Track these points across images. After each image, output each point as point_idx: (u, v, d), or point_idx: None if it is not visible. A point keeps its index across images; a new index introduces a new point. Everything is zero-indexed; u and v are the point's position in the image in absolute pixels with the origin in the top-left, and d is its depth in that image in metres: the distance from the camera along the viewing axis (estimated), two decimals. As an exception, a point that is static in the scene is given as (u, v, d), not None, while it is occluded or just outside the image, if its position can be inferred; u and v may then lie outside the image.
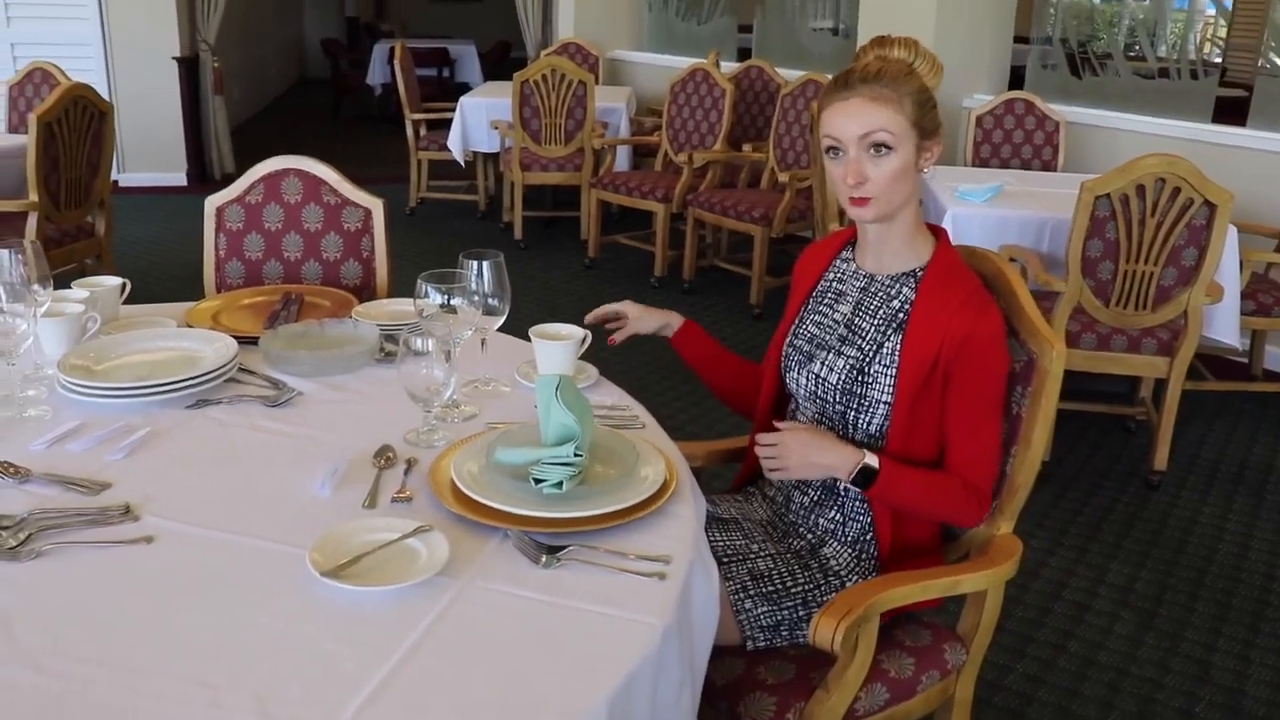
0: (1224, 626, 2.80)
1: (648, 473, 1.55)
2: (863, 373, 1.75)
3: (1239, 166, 4.43)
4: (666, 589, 1.32)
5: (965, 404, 1.69)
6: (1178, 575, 3.03)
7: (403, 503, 1.49)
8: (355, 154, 8.83)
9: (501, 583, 1.31)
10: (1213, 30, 6.36)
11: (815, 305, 1.88)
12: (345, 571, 1.29)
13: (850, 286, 1.84)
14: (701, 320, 4.90)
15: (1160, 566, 3.07)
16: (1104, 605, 2.87)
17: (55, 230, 4.12)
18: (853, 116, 1.67)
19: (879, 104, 1.66)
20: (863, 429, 1.77)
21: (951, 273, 1.74)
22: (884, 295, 1.78)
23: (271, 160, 2.53)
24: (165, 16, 7.25)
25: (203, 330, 2.04)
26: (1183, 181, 3.15)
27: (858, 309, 1.81)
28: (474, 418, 1.78)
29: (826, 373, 1.79)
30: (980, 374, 1.68)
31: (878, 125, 1.66)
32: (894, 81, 1.67)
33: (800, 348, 1.86)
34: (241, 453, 1.63)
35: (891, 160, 1.67)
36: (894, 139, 1.66)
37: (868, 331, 1.77)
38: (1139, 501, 3.44)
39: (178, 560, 1.34)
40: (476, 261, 1.81)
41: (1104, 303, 3.39)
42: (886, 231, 1.76)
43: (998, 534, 1.78)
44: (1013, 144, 5.16)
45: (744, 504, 1.95)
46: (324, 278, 2.54)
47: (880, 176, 1.67)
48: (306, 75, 14.74)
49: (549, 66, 5.85)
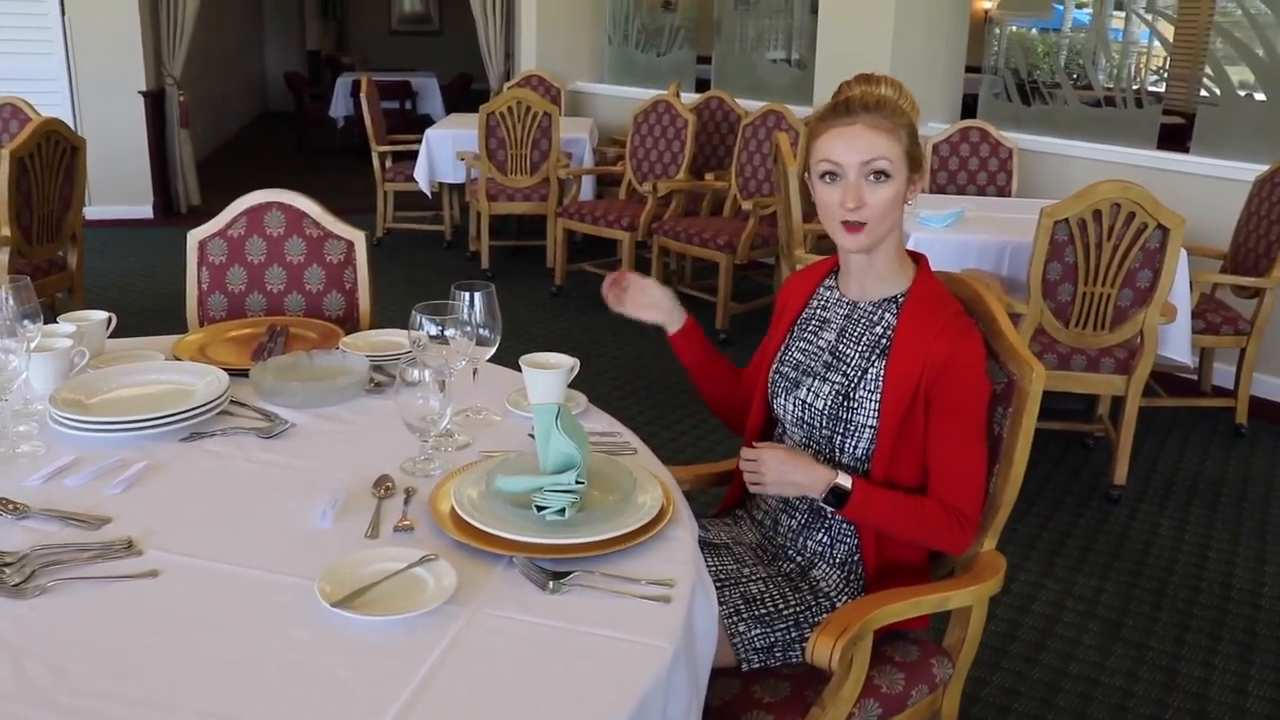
0: (1187, 635, 2.84)
1: (645, 498, 1.55)
2: (848, 398, 1.76)
3: (1183, 191, 4.53)
4: (672, 611, 1.32)
5: (946, 428, 1.71)
6: (1141, 586, 3.07)
7: (405, 532, 1.48)
8: (320, 186, 8.76)
9: (510, 609, 1.30)
10: (1146, 60, 6.51)
11: (800, 333, 1.90)
12: (355, 601, 1.28)
13: (834, 314, 1.86)
14: (670, 346, 4.86)
15: (1124, 578, 3.11)
16: (1072, 617, 2.90)
17: (27, 265, 4.05)
18: (855, 142, 1.68)
19: (880, 132, 1.69)
20: (849, 452, 1.78)
21: (932, 298, 1.76)
22: (867, 322, 1.80)
23: (254, 194, 2.51)
24: (131, 51, 7.18)
25: (192, 363, 2.02)
26: (1137, 206, 3.22)
27: (842, 336, 1.82)
28: (468, 446, 1.78)
29: (813, 399, 1.81)
30: (961, 398, 1.70)
31: (879, 153, 1.68)
32: (892, 113, 1.71)
33: (786, 374, 1.87)
34: (240, 485, 1.62)
35: (888, 188, 1.69)
36: (892, 167, 1.69)
37: (852, 358, 1.79)
38: (1101, 515, 3.49)
39: (185, 593, 1.32)
40: (468, 293, 1.81)
41: (1064, 324, 3.44)
42: (870, 260, 1.78)
43: (981, 551, 1.80)
44: (968, 170, 5.24)
45: (733, 528, 1.96)
46: (307, 309, 2.52)
47: (877, 203, 1.69)
48: (269, 108, 14.66)
49: (514, 99, 5.86)
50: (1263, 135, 4.73)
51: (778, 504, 1.89)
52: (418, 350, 1.75)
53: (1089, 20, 9.75)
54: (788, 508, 1.88)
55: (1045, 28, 9.14)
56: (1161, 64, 6.88)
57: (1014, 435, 1.73)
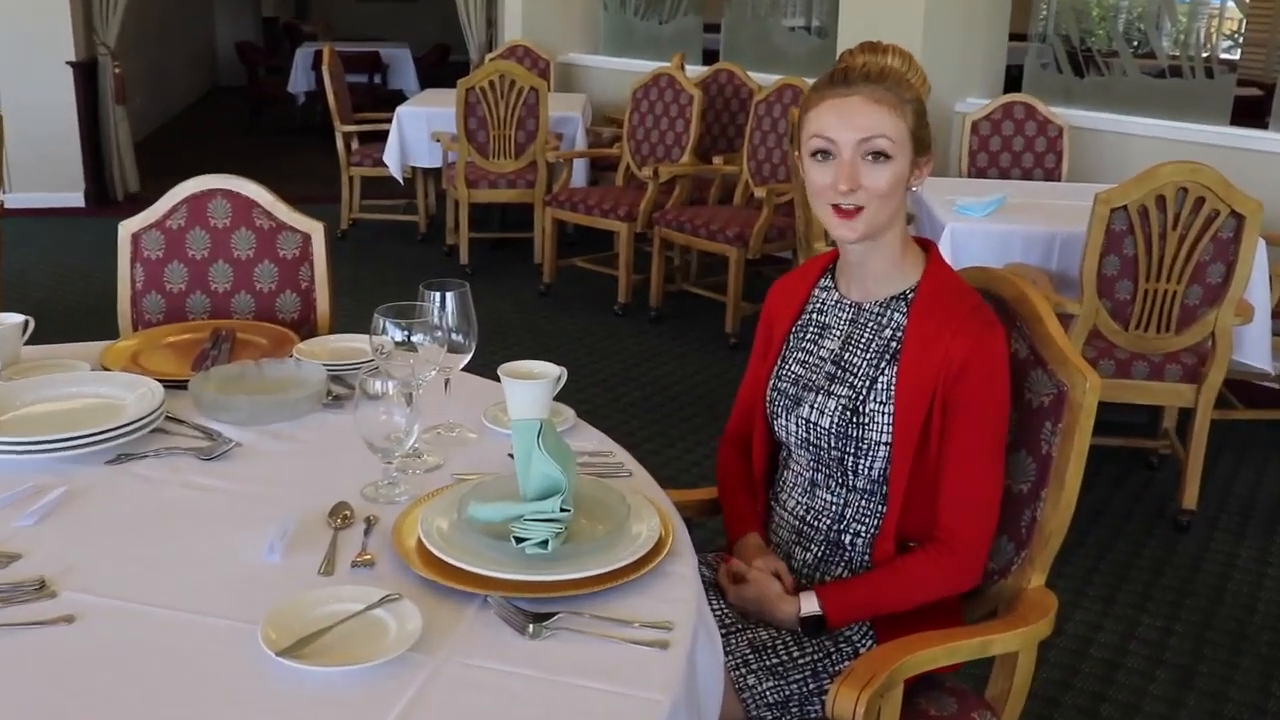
0: (1272, 685, 2.81)
1: (641, 528, 1.53)
2: (857, 413, 1.75)
3: (1261, 173, 4.52)
4: (671, 659, 1.30)
5: (961, 441, 1.70)
6: (1216, 627, 3.05)
7: (364, 568, 1.47)
8: (277, 171, 8.77)
9: (484, 657, 1.28)
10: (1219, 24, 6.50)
11: (797, 343, 1.88)
12: (304, 650, 1.26)
13: (835, 318, 1.84)
14: (672, 352, 4.85)
15: (1196, 618, 3.09)
16: (1136, 663, 2.88)
17: (-62, 261, 4.04)
18: (852, 116, 1.67)
19: (882, 106, 1.67)
20: (864, 474, 1.77)
21: (946, 292, 1.74)
22: (874, 325, 1.78)
23: (195, 179, 2.50)
24: (57, 16, 7.19)
25: (122, 374, 2.00)
26: (1207, 191, 3.20)
27: (847, 343, 1.81)
28: (439, 468, 1.76)
29: (817, 416, 1.79)
30: (978, 405, 1.69)
31: (879, 129, 1.67)
32: (897, 85, 1.69)
33: (785, 391, 1.85)
34: (174, 514, 1.60)
35: (887, 170, 1.67)
36: (893, 147, 1.67)
37: (859, 367, 1.77)
38: (1168, 545, 3.47)
39: (105, 642, 1.30)
40: (439, 293, 1.79)
41: (1123, 325, 3.43)
42: (870, 253, 1.76)
43: (1029, 587, 1.77)
44: (1012, 152, 5.23)
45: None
46: (257, 311, 2.51)
47: (875, 185, 1.67)
48: (219, 83, 14.68)
49: (497, 72, 5.86)
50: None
51: (790, 536, 1.88)
52: (381, 359, 1.74)
53: (1151, -20, 9.74)
54: (801, 540, 1.86)
55: (1102, -12, 9.13)
56: (1236, 28, 6.86)
57: (1065, 454, 1.71)
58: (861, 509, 1.80)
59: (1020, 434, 1.79)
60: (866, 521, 1.80)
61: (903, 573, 1.73)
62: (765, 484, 1.96)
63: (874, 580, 1.74)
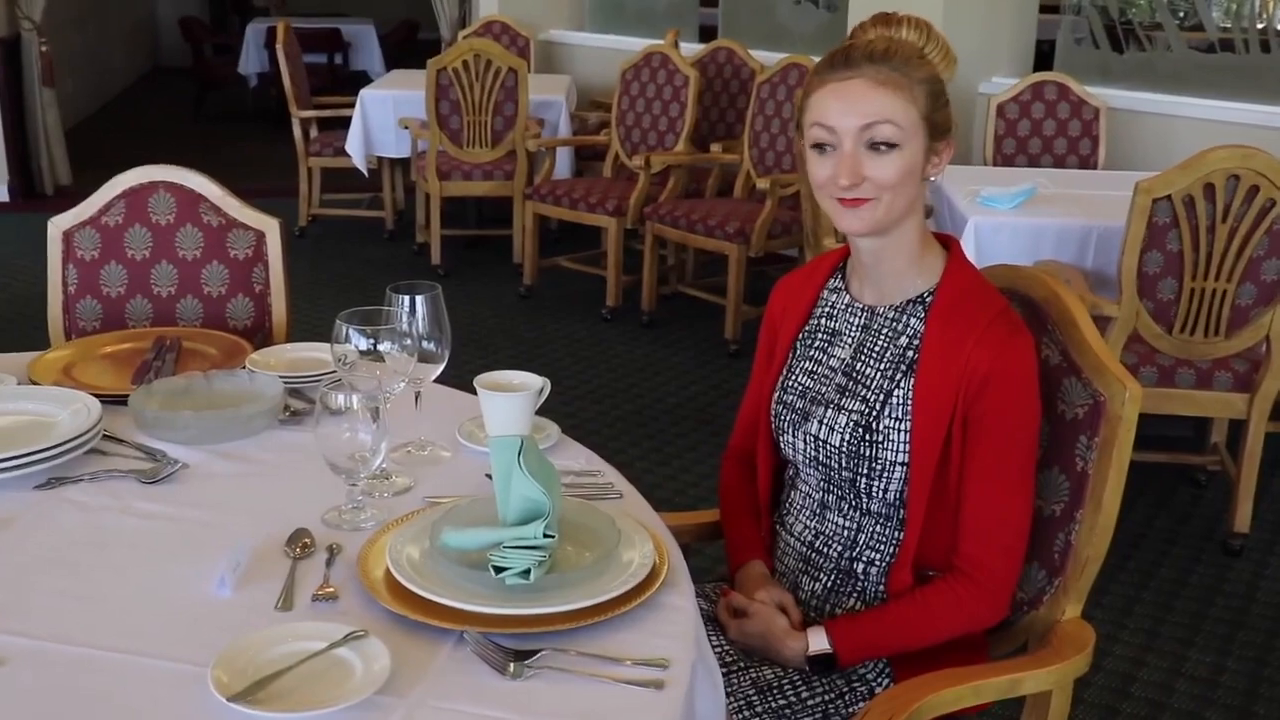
0: (1331, 725, 2.83)
1: (632, 555, 1.54)
2: (870, 430, 1.74)
3: (1320, 159, 4.53)
4: (667, 701, 1.30)
5: (982, 461, 1.69)
6: (1274, 664, 3.06)
7: (326, 602, 1.47)
8: (226, 161, 8.77)
9: (460, 699, 1.28)
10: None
11: (804, 351, 1.88)
12: (260, 694, 1.26)
13: (846, 324, 1.84)
14: (666, 360, 4.87)
15: (1250, 653, 3.10)
16: (1184, 703, 2.89)
17: None
18: (854, 102, 1.65)
19: (887, 89, 1.65)
20: (879, 497, 1.78)
21: (969, 295, 1.74)
22: (889, 332, 1.78)
23: (134, 171, 2.51)
24: (-26, -13, 7.20)
25: (53, 388, 2.00)
26: (1261, 178, 3.22)
27: (859, 352, 1.80)
28: (409, 490, 1.77)
29: (826, 433, 1.79)
30: (1006, 422, 1.68)
31: (884, 115, 1.65)
32: (906, 64, 1.67)
33: (791, 404, 1.85)
34: (113, 544, 1.60)
35: (895, 160, 1.66)
36: (901, 134, 1.65)
37: (872, 379, 1.77)
38: (1218, 571, 3.48)
39: (37, 688, 1.30)
40: (408, 296, 1.80)
41: (1166, 329, 3.44)
42: (884, 251, 1.75)
43: (1063, 619, 1.78)
44: (1043, 137, 5.25)
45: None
46: (206, 318, 2.52)
47: (882, 177, 1.65)
48: (161, 63, 14.71)
49: (471, 51, 5.88)
50: None
51: (798, 564, 1.88)
52: (344, 370, 1.75)
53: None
54: (810, 568, 1.87)
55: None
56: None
57: (1103, 472, 1.72)
58: (876, 534, 1.80)
59: (1053, 449, 1.80)
60: (881, 549, 1.80)
61: (921, 606, 1.72)
62: (770, 506, 1.97)
63: (890, 614, 1.74)
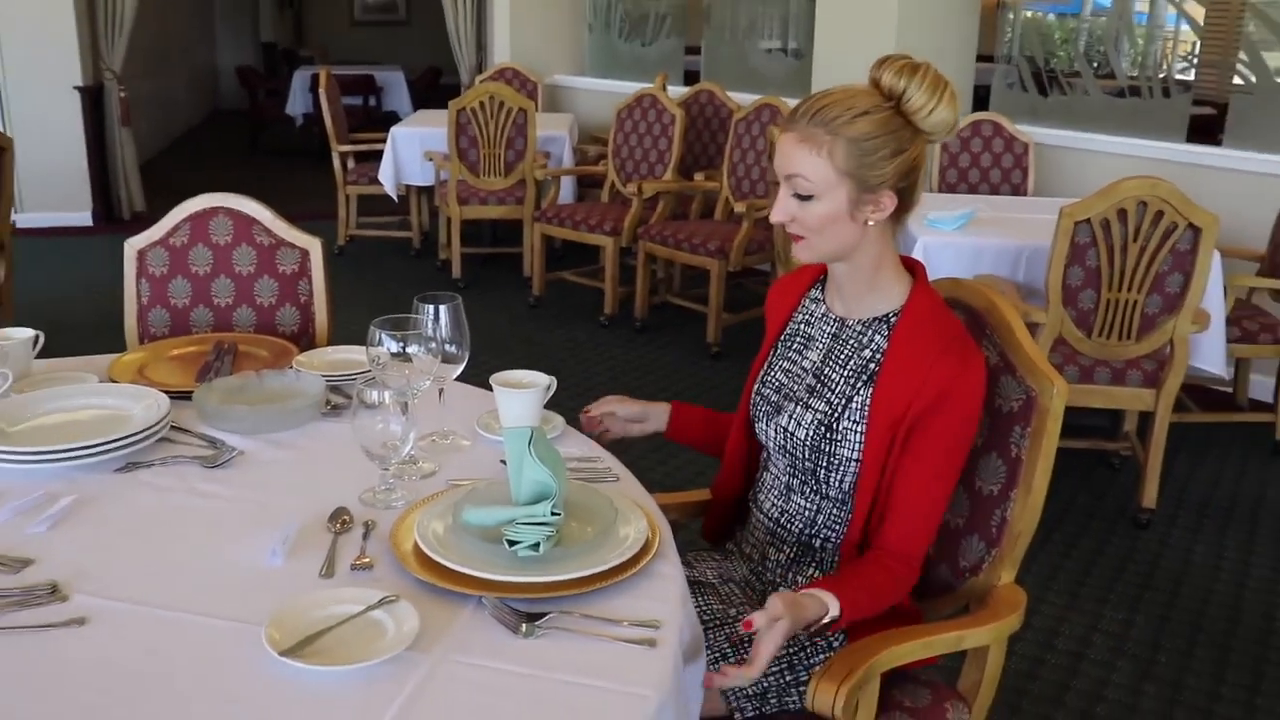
0: (1226, 672, 2.82)
1: (628, 531, 1.53)
2: (831, 429, 1.73)
3: (1215, 187, 4.54)
4: (659, 657, 1.29)
5: (923, 464, 1.66)
6: (1175, 619, 3.06)
7: (363, 570, 1.46)
8: (276, 190, 8.76)
9: (479, 656, 1.28)
10: (1174, 46, 6.54)
11: (784, 350, 1.86)
12: (306, 650, 1.25)
13: (820, 331, 1.81)
14: (657, 361, 4.85)
15: (1155, 610, 3.10)
16: (1099, 654, 2.89)
17: (-50, 278, 4.02)
18: (784, 155, 1.63)
19: (804, 146, 1.61)
20: (835, 485, 1.76)
21: (929, 318, 1.70)
22: (855, 343, 1.75)
23: (198, 198, 2.49)
24: (65, 43, 7.15)
25: (129, 385, 1.99)
26: (1165, 204, 3.22)
27: (828, 358, 1.78)
28: (433, 474, 1.76)
29: (794, 427, 1.77)
30: (952, 432, 1.66)
31: (797, 170, 1.62)
32: (831, 123, 1.60)
33: (768, 397, 1.84)
34: (180, 520, 1.59)
35: (813, 208, 1.63)
36: (814, 188, 1.62)
37: (837, 383, 1.74)
38: (1129, 541, 3.48)
39: (116, 643, 1.29)
40: (433, 305, 1.79)
41: (1086, 333, 3.44)
42: (844, 275, 1.73)
43: (999, 584, 1.77)
44: (980, 168, 5.24)
45: (722, 563, 1.94)
46: (258, 325, 2.50)
47: (806, 219, 1.64)
48: (221, 106, 14.63)
49: (487, 93, 5.86)
50: (1301, 126, 4.74)
51: (765, 537, 1.87)
52: (377, 369, 1.73)
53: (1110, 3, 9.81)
54: (775, 541, 1.86)
55: (1063, 12, 9.18)
56: (1191, 50, 6.90)
57: (1034, 458, 1.71)
58: (832, 516, 1.79)
59: (991, 438, 1.79)
60: (836, 528, 1.80)
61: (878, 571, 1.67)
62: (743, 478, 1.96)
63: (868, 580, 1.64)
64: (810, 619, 1.54)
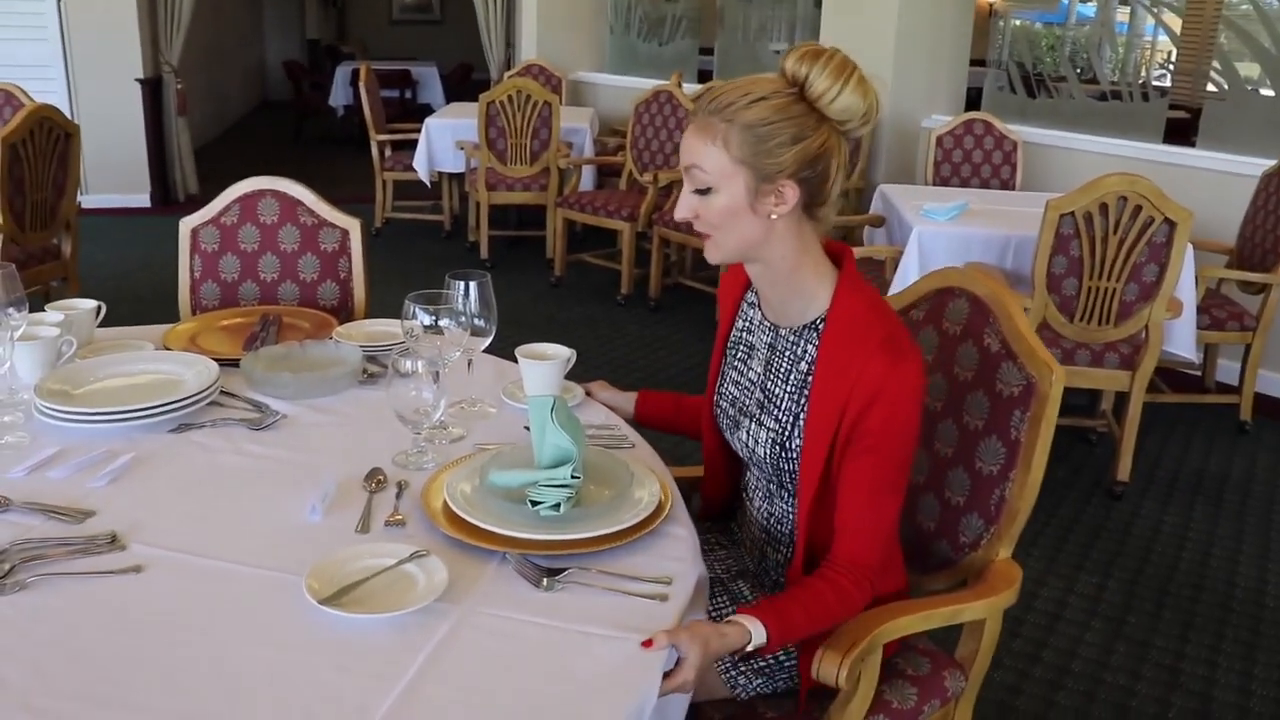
0: (1190, 633, 2.81)
1: (642, 494, 1.52)
2: (784, 447, 1.56)
3: (1189, 185, 4.49)
4: (671, 610, 1.29)
5: (865, 473, 1.46)
6: (1144, 584, 3.04)
7: (396, 527, 1.45)
8: (319, 175, 8.73)
9: (503, 607, 1.27)
10: (1152, 54, 6.48)
11: (731, 359, 1.70)
12: (343, 599, 1.24)
13: (759, 340, 1.63)
14: (669, 337, 4.83)
15: (1127, 575, 3.08)
16: (1075, 615, 2.87)
17: (20, 252, 4.02)
18: (683, 147, 1.46)
19: (701, 136, 1.43)
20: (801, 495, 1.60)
21: (857, 319, 1.47)
22: (791, 355, 1.56)
23: (247, 181, 2.48)
24: (128, 38, 7.14)
25: (182, 353, 1.98)
26: (1144, 200, 3.18)
27: (769, 370, 1.59)
28: (462, 439, 1.74)
29: (753, 443, 1.61)
30: (886, 440, 1.44)
31: (693, 160, 1.44)
32: (726, 109, 1.41)
33: (725, 410, 1.69)
34: (228, 477, 1.58)
35: (710, 201, 1.44)
36: (709, 178, 1.43)
37: (782, 400, 1.57)
38: (1103, 512, 3.46)
39: (168, 590, 1.29)
40: (463, 282, 1.78)
41: (1068, 318, 3.41)
42: (761, 278, 1.54)
43: (996, 560, 1.72)
44: (972, 163, 5.20)
45: (733, 551, 1.83)
46: (301, 299, 2.49)
47: (708, 214, 1.45)
48: (269, 98, 14.60)
49: (515, 88, 5.82)
50: (1270, 129, 4.69)
51: (760, 535, 1.74)
52: (411, 341, 1.72)
53: (1094, 13, 9.70)
54: (771, 540, 1.72)
55: (1050, 21, 9.09)
56: (1167, 57, 6.83)
57: (1033, 440, 1.65)
58: None
59: (991, 421, 1.73)
60: None
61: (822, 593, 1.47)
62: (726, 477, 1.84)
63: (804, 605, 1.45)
64: (732, 647, 1.35)
